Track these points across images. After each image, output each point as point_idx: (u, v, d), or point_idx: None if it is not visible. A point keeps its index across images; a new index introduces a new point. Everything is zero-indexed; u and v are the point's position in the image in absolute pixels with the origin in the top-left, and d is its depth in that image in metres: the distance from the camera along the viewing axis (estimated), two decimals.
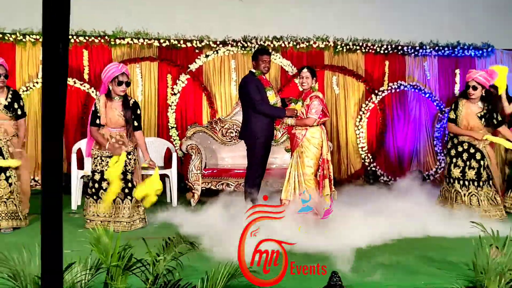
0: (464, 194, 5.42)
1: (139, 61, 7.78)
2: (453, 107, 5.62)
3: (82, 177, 6.08)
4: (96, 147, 5.03)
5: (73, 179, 5.99)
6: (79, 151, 6.17)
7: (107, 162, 4.92)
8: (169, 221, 5.06)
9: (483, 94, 5.38)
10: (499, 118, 5.47)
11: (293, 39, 8.10)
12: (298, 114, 5.11)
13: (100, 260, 2.68)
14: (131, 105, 5.04)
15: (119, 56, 7.78)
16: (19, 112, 5.03)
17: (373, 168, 8.27)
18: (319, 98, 5.11)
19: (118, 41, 7.72)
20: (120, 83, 4.95)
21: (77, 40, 7.60)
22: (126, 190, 4.96)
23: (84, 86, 7.60)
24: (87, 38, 7.61)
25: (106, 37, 7.66)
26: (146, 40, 7.78)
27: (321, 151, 5.12)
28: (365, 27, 8.22)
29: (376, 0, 8.30)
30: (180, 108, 7.80)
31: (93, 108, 5.05)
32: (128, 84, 5.02)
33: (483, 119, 5.44)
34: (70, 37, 7.51)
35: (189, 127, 6.88)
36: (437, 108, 8.44)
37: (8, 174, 4.87)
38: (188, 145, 6.21)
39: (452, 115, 5.56)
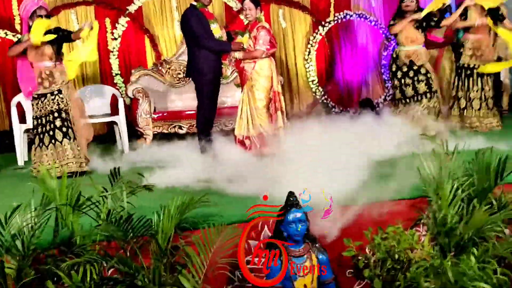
0: (418, 110, 5.55)
1: (74, 7, 7.31)
2: (391, 23, 5.76)
3: (26, 131, 5.80)
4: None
5: (15, 132, 5.70)
6: (19, 105, 5.84)
7: (41, 102, 4.78)
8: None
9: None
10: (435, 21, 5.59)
11: None
12: (245, 47, 4.97)
13: (47, 201, 2.56)
14: (57, 35, 4.86)
15: (51, 2, 7.25)
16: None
17: (325, 101, 8.29)
18: (266, 28, 4.98)
19: None
20: (38, 18, 4.75)
21: None
22: (64, 129, 4.83)
23: (17, 37, 7.09)
24: None
25: None
26: None
27: (272, 84, 5.05)
28: None
29: None
30: (122, 53, 7.44)
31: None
32: (48, 17, 4.83)
33: (419, 29, 5.55)
34: None
35: (133, 71, 6.61)
36: (383, 35, 8.44)
37: None
38: (134, 89, 6.00)
39: (392, 22, 5.70)
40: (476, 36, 5.81)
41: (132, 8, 7.44)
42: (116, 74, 7.41)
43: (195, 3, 5.07)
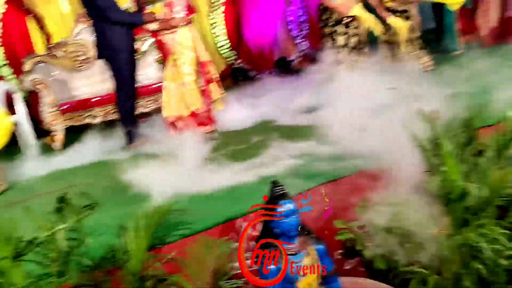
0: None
1: None
2: None
3: None
4: None
5: None
6: None
7: None
8: (36, 175, 4.18)
9: None
10: None
11: None
12: (159, 17, 4.37)
13: None
14: None
15: None
16: None
17: (239, 66, 7.88)
18: None
19: None
20: None
21: None
22: None
23: None
24: None
25: None
26: None
27: (197, 54, 4.52)
28: None
29: None
30: (6, 40, 6.42)
31: None
32: None
33: None
34: None
35: (24, 60, 5.67)
36: None
37: None
38: (31, 80, 5.13)
39: None
40: None
41: None
42: (3, 65, 6.41)
43: None
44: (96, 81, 5.83)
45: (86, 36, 5.84)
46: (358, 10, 5.20)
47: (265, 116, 4.89)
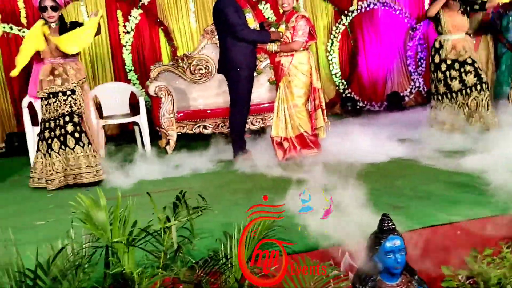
0: (469, 103, 5.08)
1: None
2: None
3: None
4: (40, 87, 4.39)
5: (28, 136, 5.23)
6: (30, 105, 5.36)
7: (53, 103, 4.34)
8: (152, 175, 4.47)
9: None
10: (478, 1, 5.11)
11: None
12: (283, 38, 4.52)
13: (92, 236, 2.11)
14: (68, 27, 4.37)
15: None
16: None
17: (349, 95, 7.87)
18: (306, 18, 4.52)
19: None
20: (43, 9, 4.29)
21: None
22: (77, 135, 4.34)
23: (24, 32, 6.61)
24: None
25: None
26: None
27: (311, 79, 4.60)
28: None
29: None
30: (136, 48, 7.00)
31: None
32: (54, 8, 4.30)
33: (465, 15, 5.09)
34: None
35: (152, 67, 6.13)
36: (408, 25, 8.03)
37: None
38: (157, 86, 5.51)
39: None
40: None
41: (145, 0, 6.97)
42: (130, 70, 6.98)
43: None
44: (211, 94, 6.13)
45: (209, 51, 6.19)
46: None
47: (397, 153, 4.56)
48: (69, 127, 4.32)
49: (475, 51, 5.75)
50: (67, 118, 4.33)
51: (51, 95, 4.35)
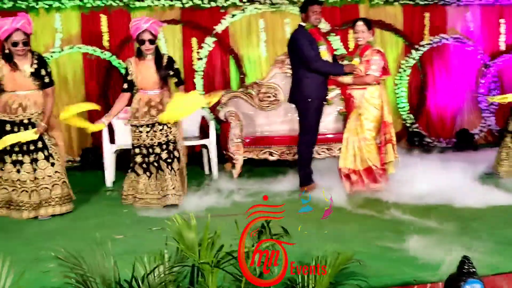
0: None
1: (161, 25, 7.18)
2: None
3: (116, 151, 5.63)
4: (131, 116, 4.59)
5: (106, 153, 5.53)
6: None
7: (147, 132, 4.47)
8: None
9: None
10: None
11: None
12: (356, 71, 4.59)
13: (179, 255, 2.22)
14: (165, 61, 4.55)
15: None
16: (46, 80, 4.40)
17: (416, 129, 7.77)
18: (381, 52, 4.59)
19: (137, 4, 7.13)
20: (141, 42, 4.47)
21: (94, 5, 7.03)
22: (169, 161, 4.50)
23: (105, 54, 7.05)
24: (104, 2, 7.04)
25: (125, 0, 7.07)
26: (167, 2, 7.18)
27: (382, 113, 4.62)
28: None
29: None
30: (207, 73, 7.26)
31: (124, 73, 4.60)
32: (152, 42, 4.51)
33: None
34: (86, 1, 6.96)
35: (224, 92, 6.35)
36: (481, 62, 7.88)
37: (47, 153, 4.31)
38: (227, 111, 5.71)
39: None
40: None
41: (219, 28, 7.26)
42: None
43: (303, 24, 4.72)
44: (277, 121, 6.26)
45: (278, 80, 6.34)
46: None
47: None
48: (164, 155, 4.48)
49: None
50: (163, 147, 4.50)
51: (145, 125, 4.51)
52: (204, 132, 6.07)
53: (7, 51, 4.25)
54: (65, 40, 6.94)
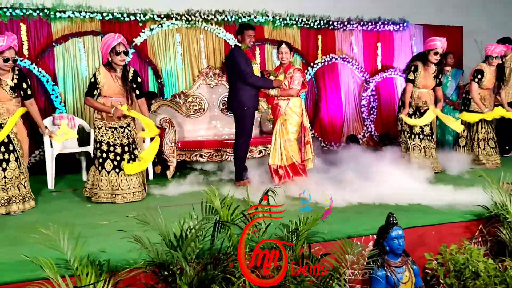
0: (422, 147, 6.29)
1: (81, 35, 7.53)
2: (412, 69, 6.32)
3: (58, 155, 5.95)
4: (98, 117, 5.01)
5: (47, 157, 5.83)
6: None
7: (112, 131, 4.97)
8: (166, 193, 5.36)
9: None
10: (441, 79, 6.44)
11: (234, 13, 8.36)
12: (281, 85, 5.55)
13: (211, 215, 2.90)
14: (131, 74, 5.08)
15: (59, 30, 7.45)
16: (28, 92, 4.78)
17: (312, 136, 8.94)
18: (301, 70, 5.60)
19: (58, 14, 7.38)
20: (118, 53, 4.96)
21: (13, 14, 7.15)
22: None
23: (25, 62, 7.19)
24: (24, 11, 7.19)
25: (45, 10, 7.29)
26: (88, 14, 7.52)
27: (302, 119, 5.62)
28: (300, 2, 8.74)
29: None
30: None
31: (92, 80, 5.03)
32: (126, 53, 5.03)
33: (436, 79, 6.33)
34: (5, 10, 7.06)
35: (153, 101, 6.93)
36: (363, 78, 9.33)
37: (16, 155, 4.64)
38: (162, 118, 6.31)
39: (411, 76, 6.30)
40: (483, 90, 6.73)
41: (138, 41, 7.77)
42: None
43: (239, 44, 5.59)
44: (203, 128, 7.00)
45: (203, 90, 7.10)
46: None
47: None
48: (126, 156, 5.00)
49: None
50: (125, 148, 5.02)
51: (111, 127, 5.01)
52: None
53: None
54: None
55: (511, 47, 7.65)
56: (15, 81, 4.69)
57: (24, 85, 4.74)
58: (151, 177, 6.25)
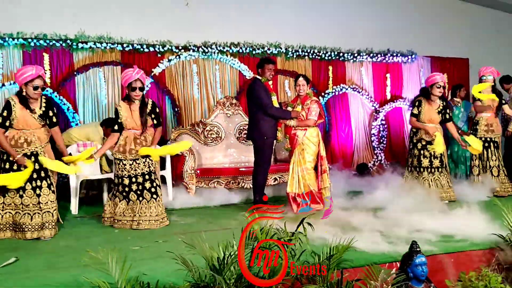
0: (431, 180, 6.44)
1: (102, 65, 7.81)
2: (416, 104, 6.53)
3: (82, 181, 6.14)
4: (118, 150, 5.23)
5: (72, 184, 6.04)
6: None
7: (130, 165, 5.16)
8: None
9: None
10: (450, 114, 6.62)
11: (249, 45, 8.67)
12: (299, 116, 5.79)
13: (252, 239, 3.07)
14: (150, 105, 5.31)
15: (81, 60, 7.74)
16: (54, 120, 4.98)
17: None
18: (318, 102, 5.85)
19: (80, 45, 7.68)
20: (133, 89, 5.20)
21: (37, 44, 7.45)
22: (153, 190, 5.21)
23: (47, 91, 7.45)
24: (47, 41, 7.49)
25: (68, 41, 7.59)
26: (109, 45, 7.82)
27: (319, 149, 5.83)
28: (311, 35, 9.05)
29: (321, 11, 9.20)
30: None
31: (114, 116, 5.34)
32: (141, 89, 5.26)
33: (440, 114, 6.52)
34: (30, 40, 7.36)
35: (172, 129, 7.17)
36: (373, 107, 9.57)
37: (49, 181, 4.83)
38: None
39: (415, 111, 6.50)
40: (487, 114, 6.97)
41: (156, 71, 8.06)
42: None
43: (259, 77, 5.85)
44: (220, 155, 7.21)
45: (220, 119, 7.34)
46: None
47: None
48: (147, 184, 5.18)
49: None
50: (146, 177, 5.20)
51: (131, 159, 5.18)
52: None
53: (24, 93, 4.76)
54: (6, 76, 7.26)
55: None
56: (43, 109, 4.89)
57: (51, 113, 4.94)
58: (171, 197, 6.40)
